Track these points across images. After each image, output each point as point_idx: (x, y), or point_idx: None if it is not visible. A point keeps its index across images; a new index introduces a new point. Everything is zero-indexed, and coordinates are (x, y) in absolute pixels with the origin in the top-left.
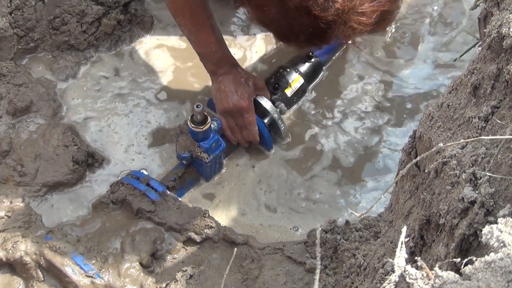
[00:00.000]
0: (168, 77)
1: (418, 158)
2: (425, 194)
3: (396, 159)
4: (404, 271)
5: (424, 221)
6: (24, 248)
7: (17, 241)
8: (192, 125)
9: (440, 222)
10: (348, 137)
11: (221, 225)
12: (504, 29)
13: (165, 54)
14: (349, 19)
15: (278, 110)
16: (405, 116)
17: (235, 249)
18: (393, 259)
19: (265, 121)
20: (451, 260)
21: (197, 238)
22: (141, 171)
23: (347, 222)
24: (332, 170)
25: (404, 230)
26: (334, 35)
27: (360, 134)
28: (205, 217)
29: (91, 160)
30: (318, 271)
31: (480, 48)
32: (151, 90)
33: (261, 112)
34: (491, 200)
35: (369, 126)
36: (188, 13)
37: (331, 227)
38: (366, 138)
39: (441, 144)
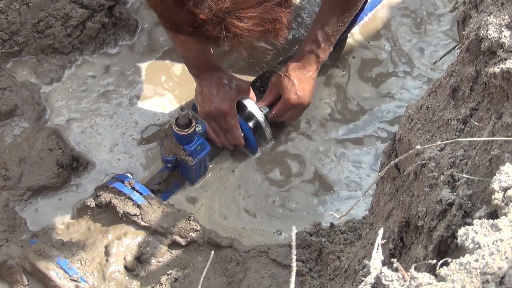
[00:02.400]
0: (153, 73)
1: (396, 160)
2: (404, 196)
3: (361, 174)
4: (380, 273)
5: (404, 223)
6: (8, 252)
7: (1, 245)
8: (177, 129)
9: (419, 224)
10: (316, 146)
11: (206, 228)
12: (482, 32)
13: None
14: (226, 22)
15: (263, 113)
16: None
17: (212, 252)
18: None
19: (250, 124)
20: (428, 261)
21: (182, 242)
22: (126, 174)
23: (331, 224)
24: (310, 182)
25: (380, 232)
26: (216, 35)
27: (327, 144)
28: (190, 220)
29: (75, 164)
30: (293, 273)
31: (459, 51)
32: (135, 86)
33: (246, 115)
34: (469, 202)
35: (332, 136)
36: None
37: (316, 229)
38: (333, 148)
39: (418, 146)
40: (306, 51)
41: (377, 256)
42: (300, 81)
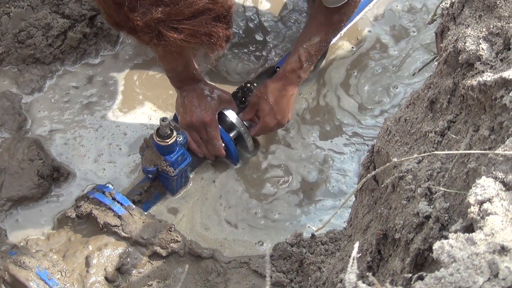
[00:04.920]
0: (137, 84)
1: (373, 172)
2: (382, 208)
3: (348, 183)
4: (356, 287)
5: (381, 235)
6: None
7: None
8: (158, 139)
9: (396, 237)
10: (298, 153)
11: (187, 239)
12: (460, 44)
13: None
14: (158, 31)
15: (244, 123)
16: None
17: (187, 265)
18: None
19: (231, 135)
20: (404, 275)
21: (163, 252)
22: (107, 184)
23: (312, 235)
24: (294, 192)
25: (356, 246)
26: (148, 42)
27: (308, 150)
28: (170, 231)
29: (56, 174)
30: None
31: (437, 63)
32: (119, 97)
33: (228, 125)
34: (446, 215)
35: (311, 141)
36: None
37: (297, 240)
38: (315, 153)
39: (395, 159)
40: (288, 71)
41: (352, 270)
42: (278, 104)
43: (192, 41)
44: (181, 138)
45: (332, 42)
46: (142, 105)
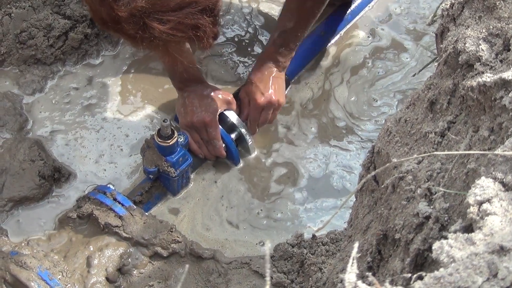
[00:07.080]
0: (137, 85)
1: (373, 173)
2: (382, 209)
3: (353, 180)
4: (355, 287)
5: (381, 236)
6: None
7: None
8: (159, 140)
9: (396, 237)
10: (302, 150)
11: (188, 239)
12: (460, 45)
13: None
14: (143, 22)
15: (245, 124)
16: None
17: (187, 265)
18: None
19: (232, 135)
20: (403, 275)
21: (164, 253)
22: (108, 185)
23: (313, 236)
24: (298, 191)
25: (355, 246)
26: (132, 34)
27: (311, 145)
28: (172, 231)
29: (57, 175)
30: None
31: (437, 64)
32: (120, 99)
33: (229, 126)
34: (446, 215)
35: (313, 138)
36: None
37: (297, 241)
38: (319, 149)
39: (395, 160)
40: (264, 56)
41: (352, 270)
42: (262, 82)
43: (177, 34)
44: (182, 139)
45: (331, 43)
46: (143, 106)
